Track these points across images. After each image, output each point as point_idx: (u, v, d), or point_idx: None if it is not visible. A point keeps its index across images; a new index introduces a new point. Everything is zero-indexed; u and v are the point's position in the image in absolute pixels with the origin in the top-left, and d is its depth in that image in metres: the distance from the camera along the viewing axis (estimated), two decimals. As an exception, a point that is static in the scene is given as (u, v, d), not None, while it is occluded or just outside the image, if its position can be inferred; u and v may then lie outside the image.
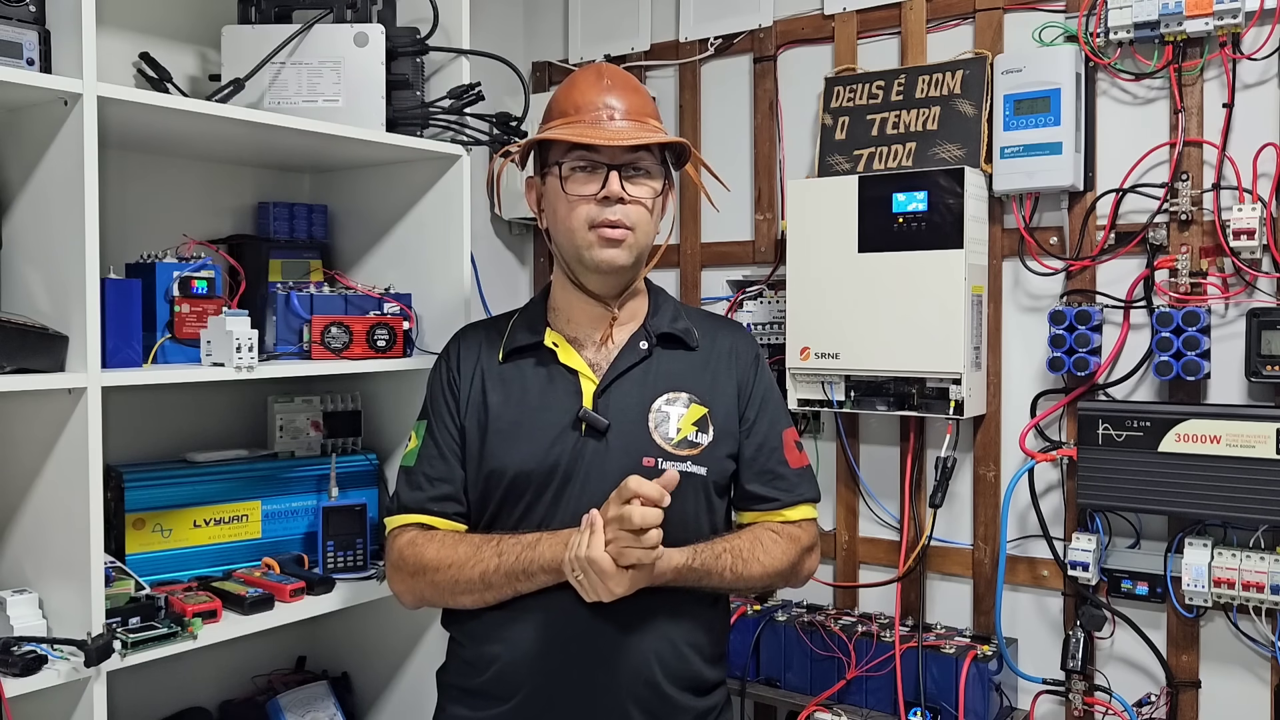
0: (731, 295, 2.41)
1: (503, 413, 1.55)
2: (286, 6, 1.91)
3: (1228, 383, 1.90)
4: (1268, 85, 1.87)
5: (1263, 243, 1.82)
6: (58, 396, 1.53)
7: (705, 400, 1.56)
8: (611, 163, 1.49)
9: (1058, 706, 2.07)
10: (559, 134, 1.49)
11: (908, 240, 2.02)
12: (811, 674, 2.12)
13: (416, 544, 1.53)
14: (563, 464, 1.50)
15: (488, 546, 1.48)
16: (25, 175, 1.60)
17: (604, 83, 1.53)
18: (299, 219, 2.14)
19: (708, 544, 1.50)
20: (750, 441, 1.59)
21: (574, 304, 1.59)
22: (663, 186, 1.56)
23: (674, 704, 1.50)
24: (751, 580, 1.53)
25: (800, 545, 1.58)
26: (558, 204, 1.52)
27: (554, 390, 1.55)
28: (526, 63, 2.75)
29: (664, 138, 1.52)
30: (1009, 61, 2.03)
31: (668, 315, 1.62)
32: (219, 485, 1.95)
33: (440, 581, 1.50)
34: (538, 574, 1.45)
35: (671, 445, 1.52)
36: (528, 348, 1.59)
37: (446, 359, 1.64)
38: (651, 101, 1.58)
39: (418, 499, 1.56)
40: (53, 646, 1.50)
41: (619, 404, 1.53)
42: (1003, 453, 2.12)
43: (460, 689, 1.56)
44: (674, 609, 1.50)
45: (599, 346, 1.58)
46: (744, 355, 1.64)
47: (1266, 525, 1.83)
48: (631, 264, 1.54)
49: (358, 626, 2.17)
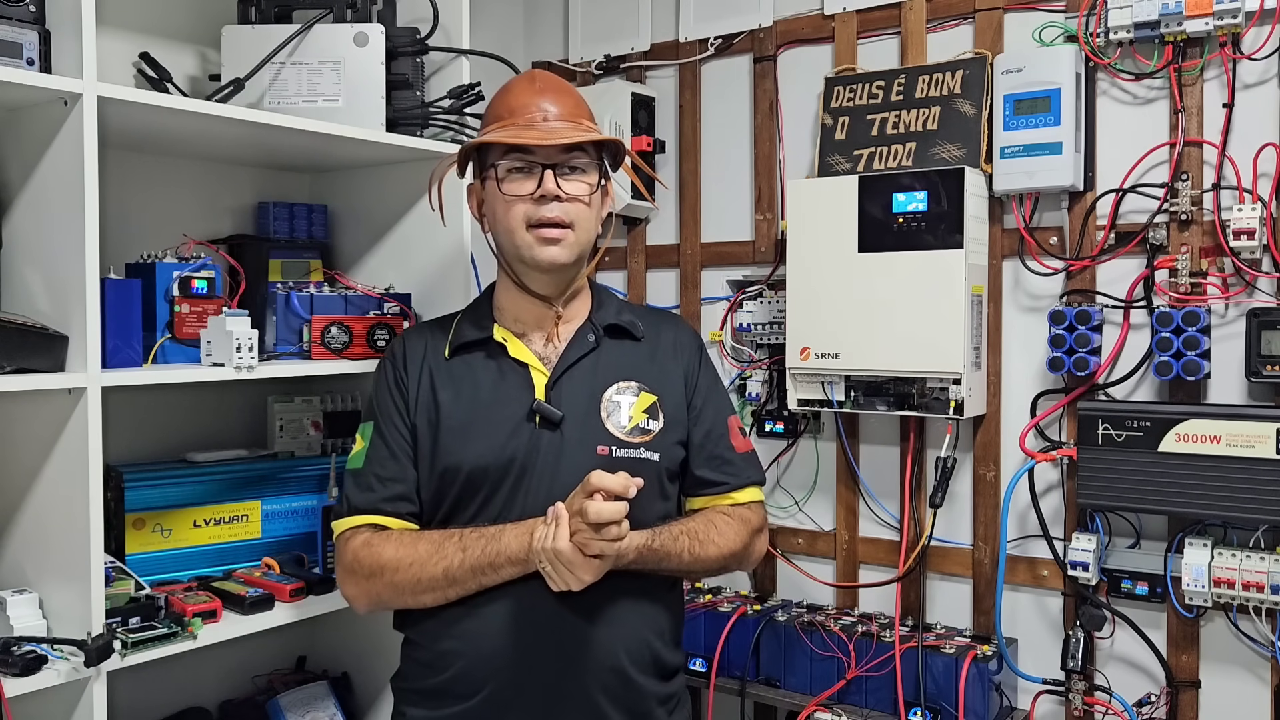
0: (731, 295, 2.41)
1: (454, 409, 1.56)
2: (286, 6, 1.91)
3: (1228, 383, 1.90)
4: (1268, 85, 1.87)
5: (1263, 243, 1.82)
6: (58, 396, 1.53)
7: (654, 388, 1.60)
8: (546, 162, 1.53)
9: (1058, 706, 2.07)
10: (494, 136, 1.54)
11: (908, 240, 2.02)
12: (811, 674, 2.12)
13: (372, 544, 1.52)
14: (519, 457, 1.52)
15: (449, 542, 1.48)
16: (25, 175, 1.60)
17: (536, 86, 1.58)
18: (299, 219, 2.14)
19: (665, 526, 1.53)
20: (698, 429, 1.64)
21: (519, 304, 1.62)
22: (599, 183, 1.59)
23: (640, 690, 1.52)
24: (708, 561, 1.56)
25: (750, 527, 1.64)
26: (496, 205, 1.57)
27: (505, 384, 1.57)
28: (526, 63, 2.75)
29: (596, 136, 1.57)
30: (1009, 61, 2.03)
31: (612, 309, 1.66)
32: (219, 485, 1.95)
33: (400, 581, 1.49)
34: (504, 566, 1.45)
35: (624, 433, 1.55)
36: (475, 344, 1.61)
37: (393, 359, 1.65)
38: (584, 104, 1.63)
39: (370, 500, 1.56)
40: (53, 646, 1.50)
41: (571, 395, 1.56)
42: (1003, 453, 2.12)
43: (418, 692, 1.56)
44: (635, 595, 1.52)
45: (546, 342, 1.61)
46: (688, 346, 1.69)
47: (1266, 525, 1.82)
48: (572, 261, 1.57)
49: (358, 626, 2.16)
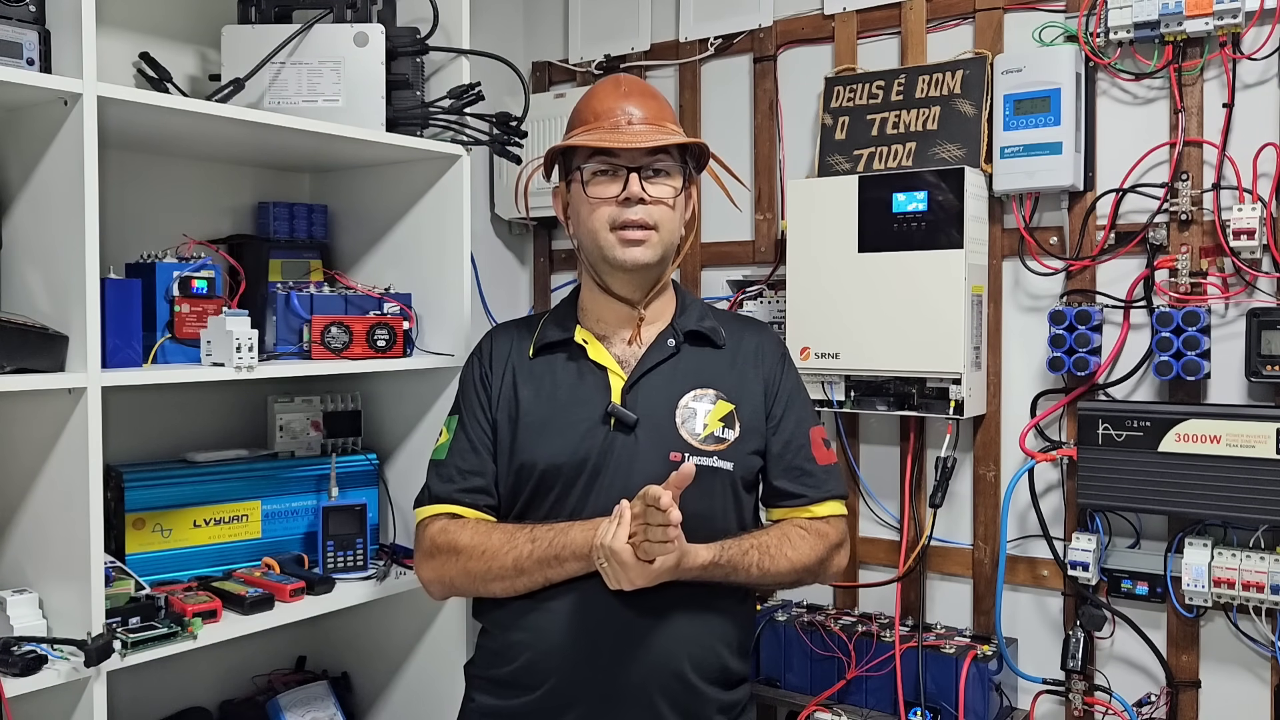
0: (731, 295, 2.41)
1: (533, 407, 1.59)
2: (286, 6, 1.91)
3: (1228, 383, 1.90)
4: (1268, 85, 1.87)
5: (1263, 243, 1.82)
6: (58, 396, 1.53)
7: (732, 397, 1.59)
8: (630, 165, 1.54)
9: (1058, 706, 2.07)
10: (580, 140, 1.55)
11: (908, 240, 2.02)
12: (811, 674, 2.12)
13: (449, 530, 1.56)
14: (592, 458, 1.53)
15: (521, 533, 1.51)
16: (25, 175, 1.60)
17: (621, 89, 1.59)
18: (299, 219, 2.14)
19: (735, 540, 1.52)
20: (777, 439, 1.62)
21: (602, 305, 1.63)
22: (683, 186, 1.59)
23: (701, 696, 1.52)
24: (779, 576, 1.55)
25: (828, 541, 1.61)
26: (581, 208, 1.58)
27: (583, 386, 1.58)
28: (526, 63, 2.75)
29: (681, 139, 1.57)
30: (1009, 61, 2.03)
31: (694, 314, 1.66)
32: (219, 485, 1.95)
33: (473, 568, 1.53)
34: (569, 560, 1.47)
35: (698, 440, 1.55)
36: (558, 344, 1.63)
37: (479, 355, 1.68)
38: (669, 106, 1.63)
39: (448, 490, 1.59)
40: (53, 646, 1.50)
41: (647, 400, 1.56)
42: (1003, 453, 2.12)
43: (487, 679, 1.59)
44: (702, 603, 1.52)
45: (627, 344, 1.62)
46: (770, 354, 1.67)
47: (1266, 525, 1.82)
48: (656, 262, 1.58)
49: (358, 626, 2.17)
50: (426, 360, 2.00)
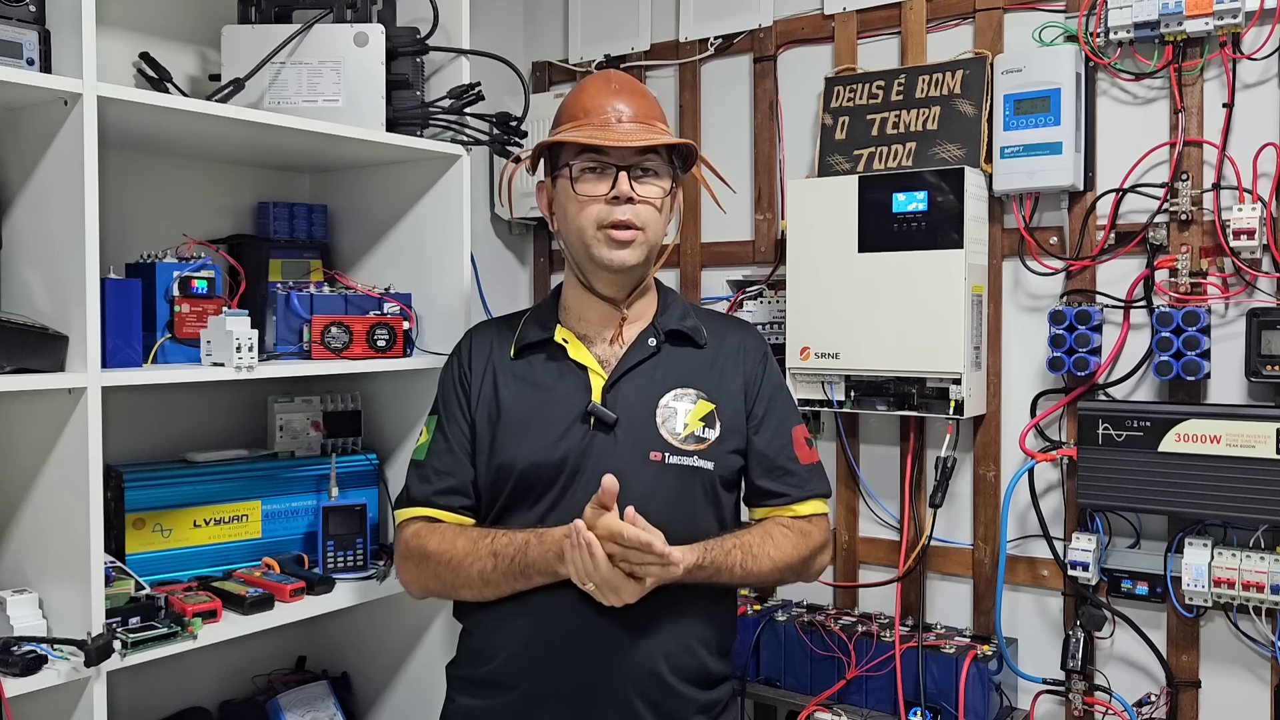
0: (731, 295, 2.41)
1: (514, 407, 1.58)
2: (286, 6, 1.91)
3: (1228, 383, 1.90)
4: (1268, 85, 1.87)
5: (1263, 242, 1.82)
6: (58, 396, 1.53)
7: (712, 396, 1.59)
8: (620, 164, 1.53)
9: (1058, 706, 2.07)
10: (569, 136, 1.54)
11: (908, 240, 2.02)
12: (811, 674, 2.12)
13: (420, 535, 1.57)
14: (571, 457, 1.52)
15: (483, 543, 1.50)
16: (25, 175, 1.59)
17: (612, 87, 1.58)
18: (299, 219, 2.14)
19: (718, 540, 1.52)
20: (760, 438, 1.61)
21: (584, 303, 1.62)
22: (670, 187, 1.58)
23: (678, 696, 1.52)
24: (762, 575, 1.55)
25: (811, 540, 1.61)
26: (568, 205, 1.56)
27: (563, 385, 1.58)
28: (526, 63, 2.75)
29: (671, 139, 1.56)
30: (1009, 61, 2.03)
31: (676, 313, 1.65)
32: (219, 485, 1.94)
33: (442, 574, 1.54)
34: (534, 575, 1.47)
35: (678, 440, 1.54)
36: (539, 344, 1.62)
37: (459, 355, 1.67)
38: (658, 105, 1.62)
39: (424, 492, 1.60)
40: (53, 646, 1.50)
41: (627, 399, 1.56)
42: (1003, 453, 2.12)
43: (467, 679, 1.59)
44: (681, 603, 1.51)
45: (608, 344, 1.61)
46: (752, 353, 1.66)
47: (1266, 525, 1.82)
48: (640, 263, 1.57)
49: (358, 626, 2.17)
50: (426, 360, 2.00)
